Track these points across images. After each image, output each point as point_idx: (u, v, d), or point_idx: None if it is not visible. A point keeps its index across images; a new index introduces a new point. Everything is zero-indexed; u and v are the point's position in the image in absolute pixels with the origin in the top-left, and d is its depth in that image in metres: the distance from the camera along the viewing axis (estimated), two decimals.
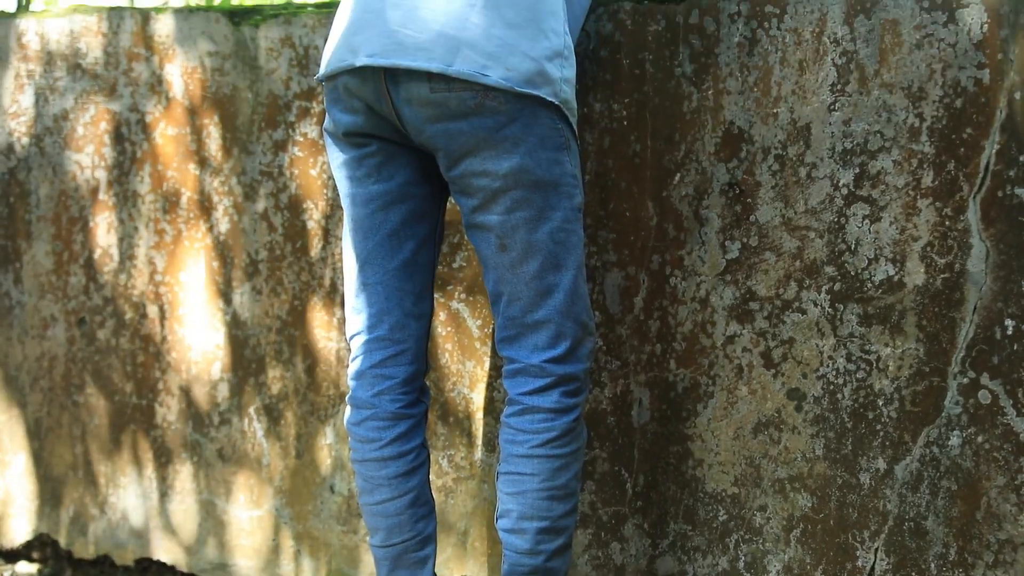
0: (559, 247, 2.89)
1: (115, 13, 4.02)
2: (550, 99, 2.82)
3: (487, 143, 2.83)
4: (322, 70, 2.98)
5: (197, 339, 3.97)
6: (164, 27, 3.93)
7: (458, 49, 2.78)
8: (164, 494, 4.07)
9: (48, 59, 4.11)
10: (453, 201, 3.46)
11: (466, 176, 2.87)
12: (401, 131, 2.92)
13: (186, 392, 4.00)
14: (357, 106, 2.94)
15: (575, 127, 2.92)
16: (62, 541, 4.27)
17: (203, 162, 3.91)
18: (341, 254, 3.70)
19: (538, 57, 2.80)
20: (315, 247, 3.77)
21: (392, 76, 2.84)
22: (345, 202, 3.05)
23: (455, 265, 3.58)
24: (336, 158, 3.03)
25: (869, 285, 3.10)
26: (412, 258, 3.03)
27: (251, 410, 3.90)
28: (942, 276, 3.04)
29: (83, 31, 4.05)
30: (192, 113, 3.91)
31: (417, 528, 3.10)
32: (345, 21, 2.94)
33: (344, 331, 3.73)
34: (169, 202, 3.97)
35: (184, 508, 4.05)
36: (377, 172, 2.99)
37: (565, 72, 2.85)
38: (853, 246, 3.11)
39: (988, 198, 2.99)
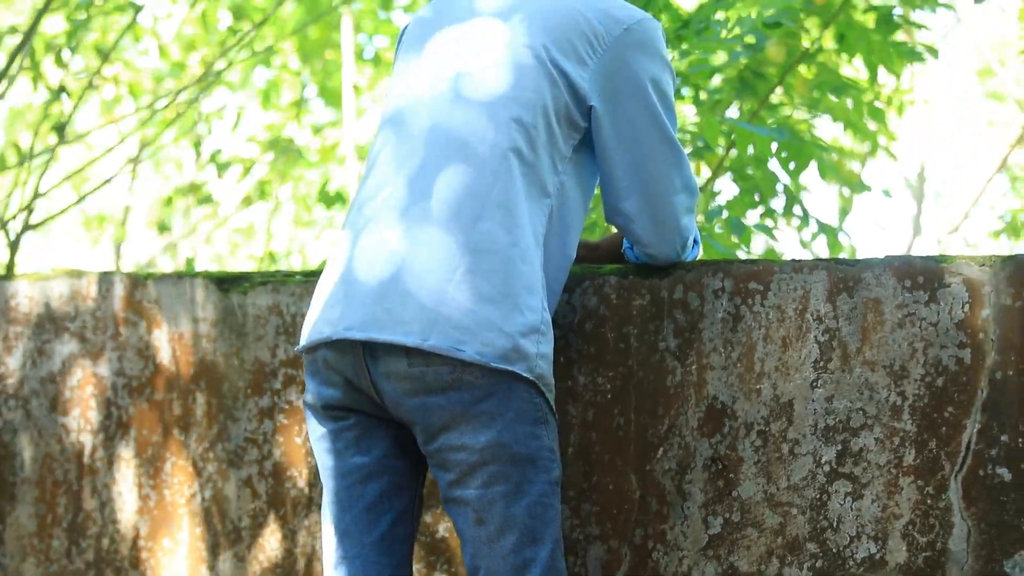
0: (536, 521, 2.87)
1: (105, 278, 4.06)
2: (526, 375, 2.83)
3: (464, 417, 2.83)
4: (302, 341, 3.01)
5: None
6: (153, 292, 3.96)
7: (434, 323, 2.80)
8: None
9: (37, 322, 4.14)
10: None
11: (443, 450, 2.87)
12: (379, 404, 2.93)
13: None
14: (336, 379, 2.95)
15: (552, 401, 2.92)
16: None
17: (188, 428, 3.90)
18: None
19: (513, 333, 2.82)
20: (299, 515, 3.74)
21: (370, 350, 2.87)
22: (324, 474, 3.04)
23: (438, 536, 3.55)
24: (315, 431, 3.04)
25: (851, 563, 3.07)
26: (390, 531, 3.01)
27: None
28: (924, 555, 3.01)
29: (73, 295, 4.08)
30: (179, 379, 3.92)
31: None
32: (325, 293, 2.97)
33: None
34: (154, 467, 3.95)
35: None
36: (355, 445, 2.99)
37: (541, 348, 2.87)
38: (835, 523, 3.09)
39: (970, 477, 2.99)
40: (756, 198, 6.34)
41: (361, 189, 3.04)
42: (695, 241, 3.27)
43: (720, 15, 5.34)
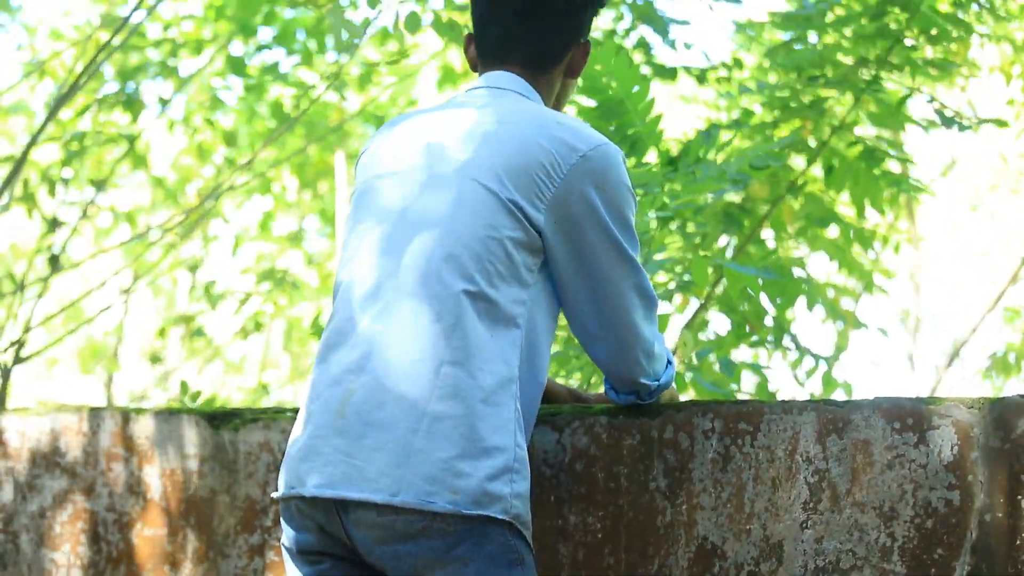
0: None
1: (95, 413, 4.07)
2: (500, 516, 2.83)
3: (437, 563, 2.83)
4: (278, 491, 3.02)
5: None
6: (144, 428, 3.97)
7: (403, 478, 2.81)
8: None
9: (28, 456, 4.13)
10: None
11: None
12: (353, 550, 2.93)
13: None
14: (310, 525, 2.96)
15: (529, 538, 2.91)
16: None
17: (179, 564, 3.89)
18: None
19: (483, 477, 2.82)
20: None
21: (341, 502, 2.88)
22: None
23: None
24: (292, 574, 3.03)
25: None
26: None
27: None
28: None
29: (64, 430, 4.08)
30: (169, 515, 3.91)
31: None
32: (296, 439, 2.99)
33: None
34: None
35: None
36: None
37: (516, 487, 2.86)
38: None
39: None
40: (747, 329, 6.37)
41: (326, 330, 3.05)
42: (668, 361, 3.25)
43: (711, 153, 5.41)
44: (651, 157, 5.00)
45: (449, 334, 2.88)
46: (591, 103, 4.89)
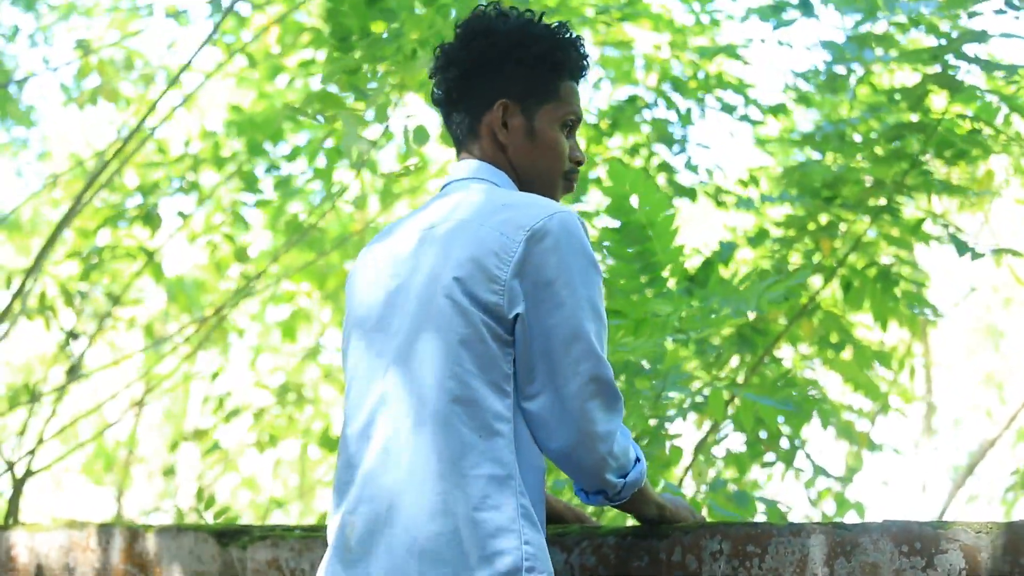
0: None
1: (104, 529, 4.07)
2: None
3: None
4: None
5: None
6: (153, 545, 3.97)
7: None
8: None
9: (36, 573, 4.13)
10: None
11: None
12: None
13: None
14: None
15: None
16: None
17: None
18: None
19: None
20: None
21: None
22: None
23: None
24: None
25: None
26: None
27: None
28: None
29: (72, 546, 4.08)
30: None
31: None
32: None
33: None
34: None
35: None
36: None
37: None
38: None
39: None
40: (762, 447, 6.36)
41: (336, 468, 3.11)
42: (637, 458, 3.13)
43: (727, 270, 5.44)
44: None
45: (439, 452, 2.91)
46: (615, 223, 4.91)
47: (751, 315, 6.05)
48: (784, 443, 6.52)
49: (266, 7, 8.62)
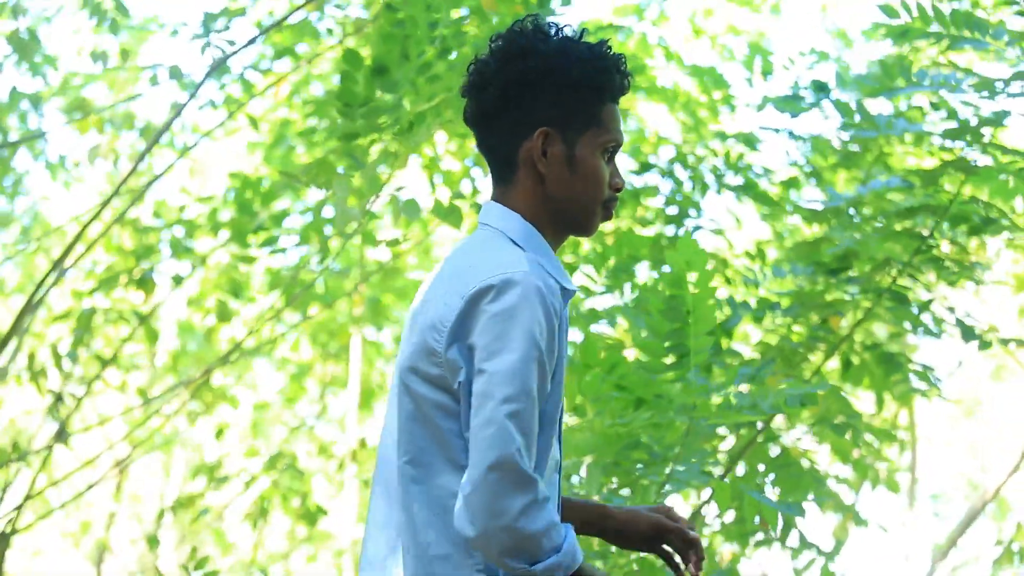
0: None
1: None
2: None
3: None
4: None
5: None
6: None
7: None
8: None
9: None
10: None
11: None
12: None
13: None
14: None
15: None
16: None
17: None
18: None
19: None
20: None
21: None
22: None
23: None
24: None
25: None
26: None
27: None
28: None
29: None
30: None
31: None
32: None
33: None
34: None
35: None
36: None
37: None
38: None
39: None
40: (756, 521, 6.35)
41: None
42: (555, 548, 2.83)
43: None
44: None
45: (399, 527, 2.95)
46: (659, 286, 4.88)
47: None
48: (779, 520, 6.51)
49: (277, 73, 8.55)
